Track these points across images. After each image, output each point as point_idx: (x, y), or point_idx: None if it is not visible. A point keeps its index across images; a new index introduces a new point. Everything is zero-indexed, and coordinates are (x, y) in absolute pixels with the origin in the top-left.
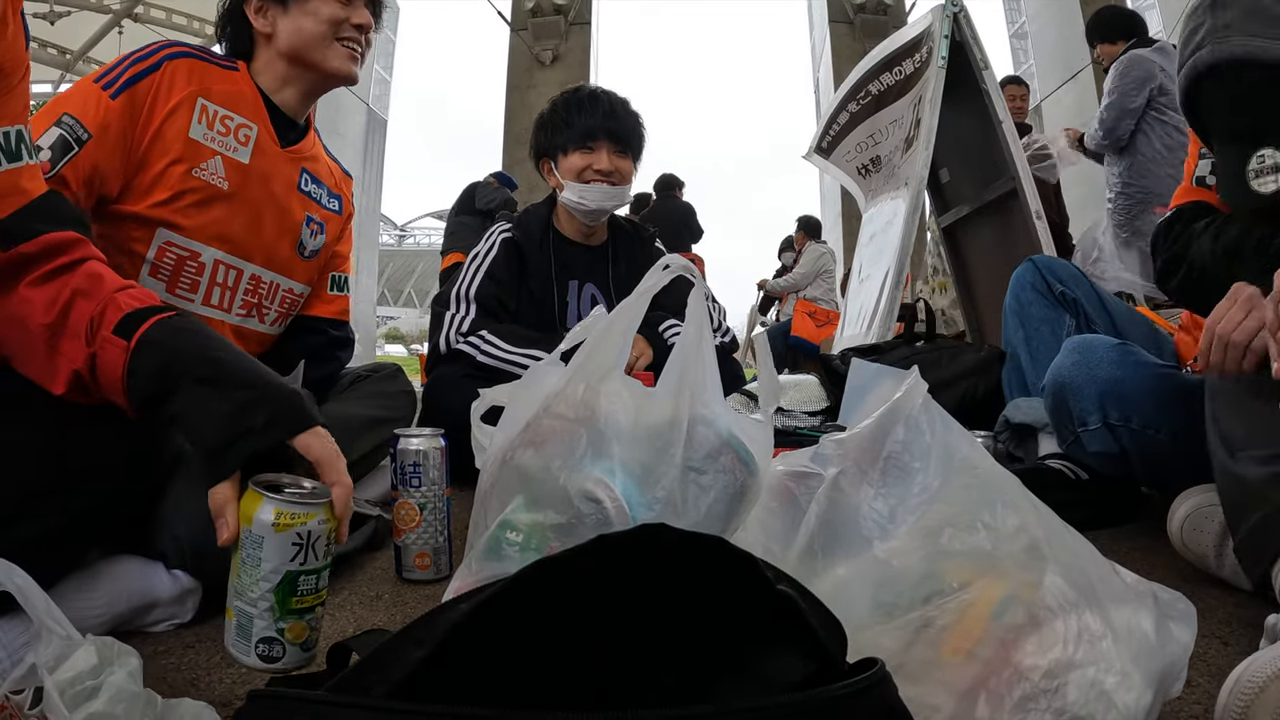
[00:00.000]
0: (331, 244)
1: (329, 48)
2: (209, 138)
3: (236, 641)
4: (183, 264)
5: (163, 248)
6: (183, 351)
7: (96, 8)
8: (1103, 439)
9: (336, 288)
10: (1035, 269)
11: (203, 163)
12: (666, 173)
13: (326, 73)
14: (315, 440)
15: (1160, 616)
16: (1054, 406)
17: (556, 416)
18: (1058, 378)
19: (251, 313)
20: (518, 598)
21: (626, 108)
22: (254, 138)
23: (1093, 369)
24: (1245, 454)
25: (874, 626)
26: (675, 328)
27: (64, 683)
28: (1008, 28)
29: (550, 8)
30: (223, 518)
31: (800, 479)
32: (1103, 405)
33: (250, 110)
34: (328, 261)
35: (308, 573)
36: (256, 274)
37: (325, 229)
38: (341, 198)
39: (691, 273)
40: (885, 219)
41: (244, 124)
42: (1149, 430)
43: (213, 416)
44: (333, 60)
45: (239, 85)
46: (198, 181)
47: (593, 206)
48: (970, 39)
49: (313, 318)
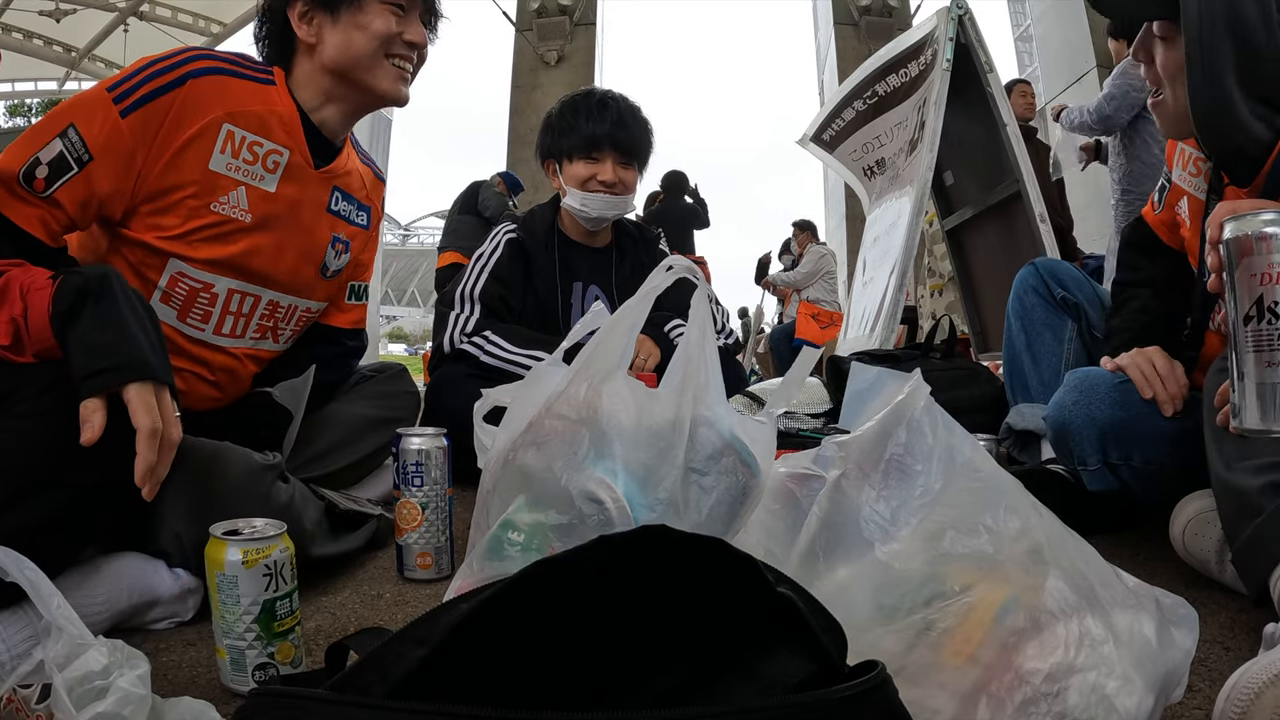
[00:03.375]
0: (356, 257)
1: (379, 66)
2: (232, 167)
3: (233, 676)
4: (195, 295)
5: (174, 278)
6: (97, 276)
7: (102, 5)
8: (1102, 478)
9: (355, 297)
10: (1037, 273)
11: (223, 196)
12: (675, 170)
13: (375, 94)
14: (138, 396)
15: (1162, 621)
16: (1056, 441)
17: (559, 417)
18: (1059, 416)
19: (266, 335)
20: (519, 598)
21: (635, 116)
22: (284, 164)
23: (1092, 409)
24: (1241, 464)
25: (875, 629)
26: (681, 328)
27: (73, 681)
28: (1013, 30)
29: (555, 8)
30: (88, 422)
31: (802, 481)
32: (1103, 446)
33: (284, 133)
34: (350, 273)
35: (282, 597)
36: (274, 299)
37: (350, 246)
38: (370, 209)
39: (694, 274)
40: (889, 221)
41: (274, 150)
42: (1151, 465)
43: (85, 346)
44: (381, 81)
45: (273, 104)
46: (216, 216)
47: (594, 215)
48: (975, 41)
49: (329, 327)
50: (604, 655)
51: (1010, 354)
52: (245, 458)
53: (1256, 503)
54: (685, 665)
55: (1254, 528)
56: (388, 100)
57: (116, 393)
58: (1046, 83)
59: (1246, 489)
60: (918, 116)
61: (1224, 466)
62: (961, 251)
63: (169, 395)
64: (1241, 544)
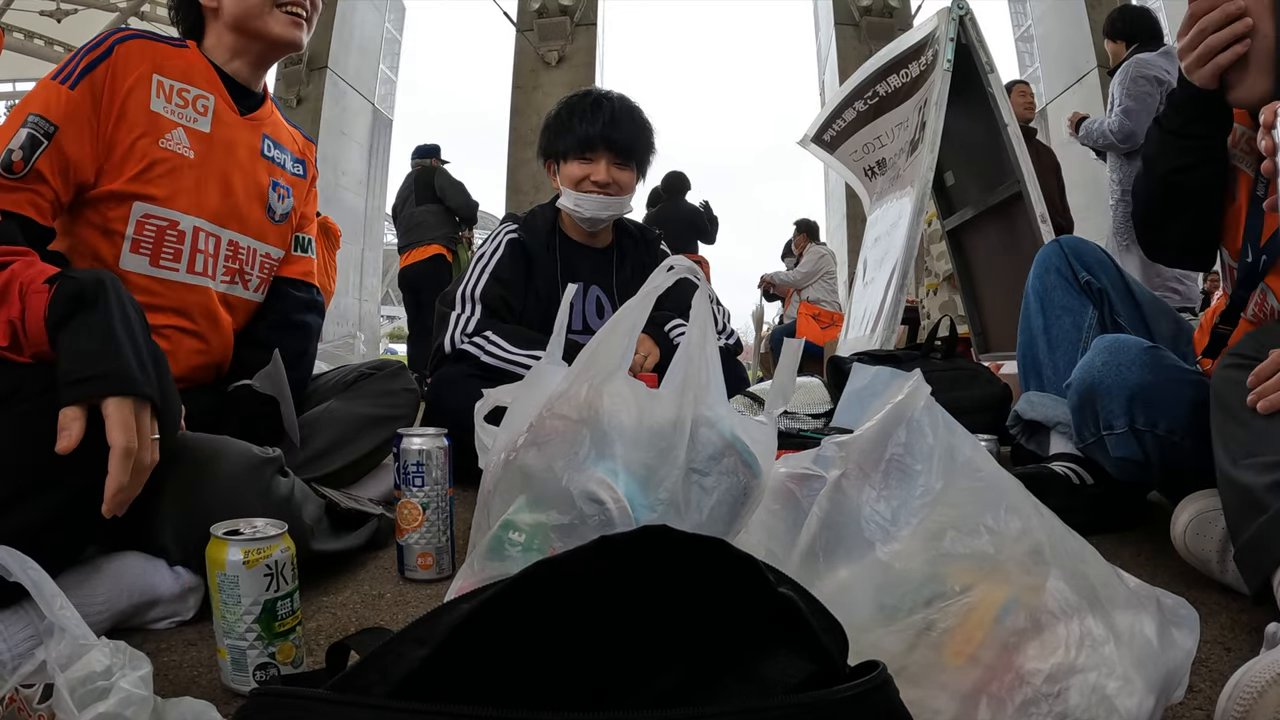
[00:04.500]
0: (299, 207)
1: (270, 14)
2: (169, 110)
3: (234, 676)
4: (163, 234)
5: (141, 221)
6: (92, 283)
7: (103, 6)
8: (1127, 444)
9: (300, 248)
10: (1061, 251)
11: (167, 134)
12: (675, 171)
13: (271, 40)
14: (116, 411)
15: (1163, 622)
16: (1079, 405)
17: (560, 417)
18: (1087, 378)
19: (235, 280)
20: (519, 598)
21: (632, 116)
22: (212, 107)
23: (1123, 371)
24: (1247, 461)
25: (875, 629)
26: (681, 328)
27: (75, 681)
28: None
29: (556, 8)
30: (65, 430)
31: (802, 481)
32: (1130, 409)
33: (205, 81)
34: (296, 223)
35: (283, 597)
36: (234, 239)
37: (292, 193)
38: (305, 161)
39: (695, 274)
40: (890, 221)
41: (201, 95)
42: (1174, 436)
43: (71, 353)
44: (274, 27)
45: (191, 60)
46: (164, 152)
47: (588, 215)
48: (976, 42)
49: (280, 279)
50: (604, 655)
51: (1026, 336)
52: (245, 451)
53: (1262, 500)
54: (686, 665)
55: (1258, 526)
56: (283, 43)
57: (96, 405)
58: (1047, 83)
59: (1252, 486)
60: (918, 117)
61: (1230, 462)
62: (962, 252)
63: (149, 414)
64: (1245, 541)
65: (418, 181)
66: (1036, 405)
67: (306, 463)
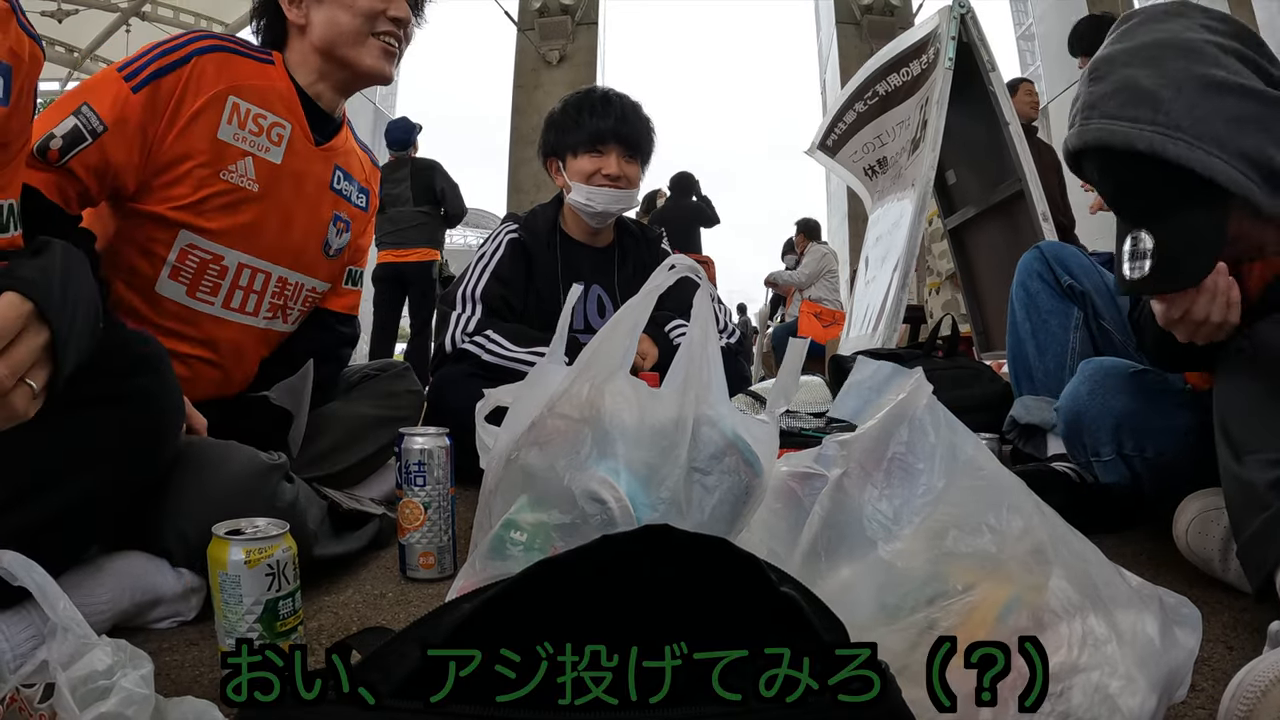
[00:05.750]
0: (355, 240)
1: (363, 44)
2: (239, 138)
3: None
4: (205, 267)
5: (185, 250)
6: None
7: (104, 6)
8: (1116, 470)
9: (351, 282)
10: (1042, 257)
11: (231, 164)
12: (683, 171)
13: (360, 70)
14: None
15: (1165, 621)
16: (1068, 434)
17: (561, 416)
18: (1074, 406)
19: (277, 315)
20: (521, 597)
21: (638, 112)
22: (287, 137)
23: (1108, 399)
24: (1251, 457)
25: (878, 628)
26: (681, 328)
27: (76, 680)
28: (1015, 29)
29: (557, 8)
30: None
31: (804, 480)
32: (1117, 436)
33: (285, 107)
34: (349, 256)
35: (284, 597)
36: (284, 276)
37: (351, 226)
38: (369, 192)
39: (697, 273)
40: (892, 220)
41: (278, 123)
42: (1164, 457)
43: None
44: (365, 58)
45: (273, 80)
46: (225, 184)
47: (599, 209)
48: (977, 40)
49: (325, 311)
50: None
51: (1014, 342)
52: (251, 457)
53: (1265, 497)
54: (686, 665)
55: (1261, 522)
56: (373, 76)
57: None
58: (1048, 81)
59: (1255, 482)
60: (920, 115)
61: (1233, 458)
62: (964, 250)
63: (39, 343)
64: (1248, 537)
65: (415, 180)
66: (1031, 409)
67: (310, 463)
